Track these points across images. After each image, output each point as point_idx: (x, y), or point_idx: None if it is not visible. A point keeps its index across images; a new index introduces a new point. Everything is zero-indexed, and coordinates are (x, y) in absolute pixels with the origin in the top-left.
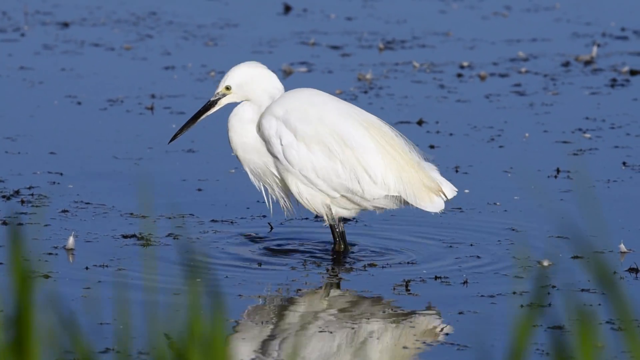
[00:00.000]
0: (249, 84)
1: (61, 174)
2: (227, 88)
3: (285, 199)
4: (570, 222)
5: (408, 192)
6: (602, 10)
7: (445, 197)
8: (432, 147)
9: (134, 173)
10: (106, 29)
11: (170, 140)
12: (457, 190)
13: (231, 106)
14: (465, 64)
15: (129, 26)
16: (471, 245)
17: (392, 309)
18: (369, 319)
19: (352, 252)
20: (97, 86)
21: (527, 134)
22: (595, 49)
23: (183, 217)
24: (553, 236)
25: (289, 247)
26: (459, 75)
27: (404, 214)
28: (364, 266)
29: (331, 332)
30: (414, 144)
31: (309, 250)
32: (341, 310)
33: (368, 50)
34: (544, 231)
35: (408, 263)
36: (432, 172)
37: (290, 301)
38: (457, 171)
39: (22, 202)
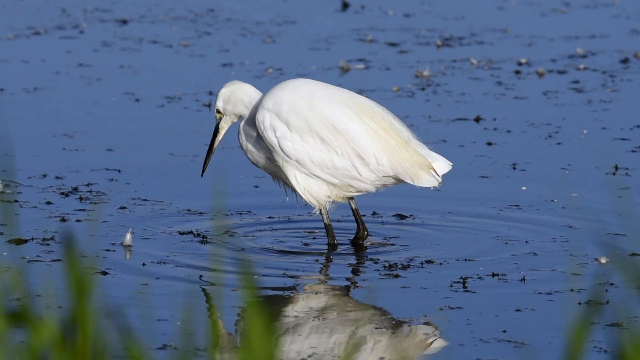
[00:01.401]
0: (230, 101)
1: (119, 171)
2: (218, 112)
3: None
4: (628, 219)
5: (400, 172)
6: None
7: (437, 173)
8: (489, 144)
9: (190, 170)
10: (164, 26)
11: (202, 173)
12: (452, 164)
13: None
14: (523, 60)
15: (187, 23)
16: (527, 242)
17: (449, 306)
18: (426, 315)
19: (409, 249)
20: (155, 83)
21: (585, 131)
22: None
23: (240, 213)
24: (611, 233)
25: (345, 244)
26: (517, 72)
27: (459, 211)
28: (422, 263)
29: (387, 329)
30: (404, 124)
31: (366, 246)
32: (398, 307)
33: (426, 47)
34: (602, 228)
35: (465, 260)
36: (423, 150)
37: (347, 298)
38: (514, 168)
39: (81, 199)
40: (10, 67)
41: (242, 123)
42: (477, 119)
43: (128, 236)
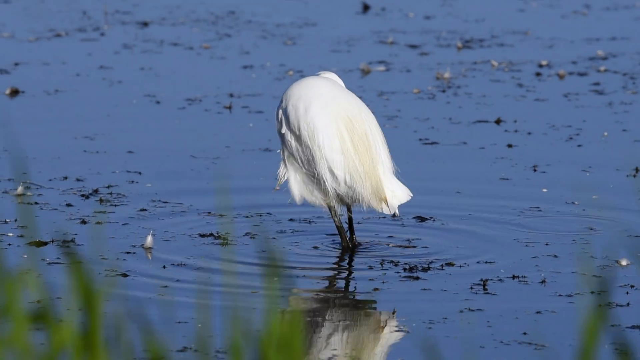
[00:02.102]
0: None
1: (139, 173)
2: None
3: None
4: None
5: (358, 194)
6: None
7: (388, 207)
8: (510, 146)
9: (211, 172)
10: (185, 29)
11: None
12: (412, 195)
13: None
14: (544, 62)
15: (207, 25)
16: (547, 244)
17: (469, 308)
18: (446, 318)
19: (429, 251)
20: (176, 85)
21: (605, 133)
22: None
23: (260, 215)
24: (632, 235)
25: (365, 246)
26: (538, 74)
27: (480, 213)
28: (442, 265)
29: (407, 332)
30: (386, 146)
31: (385, 249)
32: (417, 310)
33: (446, 49)
34: (623, 230)
35: (485, 262)
36: (388, 180)
37: (367, 300)
38: (535, 170)
39: (101, 200)
40: (31, 69)
41: None
42: (498, 121)
43: (149, 238)
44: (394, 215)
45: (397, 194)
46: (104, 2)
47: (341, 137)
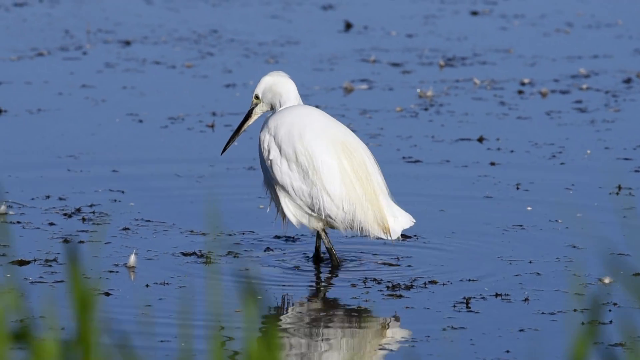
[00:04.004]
0: (270, 90)
1: (122, 192)
2: (256, 97)
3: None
4: (632, 239)
5: (359, 222)
6: None
7: (390, 236)
8: (492, 164)
9: (194, 191)
10: (167, 47)
11: (222, 152)
12: (414, 221)
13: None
14: (526, 80)
15: (190, 44)
16: (530, 262)
17: (452, 326)
18: (429, 336)
19: (412, 269)
20: (159, 104)
21: (588, 151)
22: None
23: (243, 234)
24: (614, 253)
25: (349, 264)
26: (520, 92)
27: (463, 231)
28: (425, 283)
29: (391, 350)
30: (382, 174)
31: (368, 267)
32: (401, 328)
33: (429, 67)
34: (606, 248)
35: (469, 280)
36: (389, 207)
37: (350, 318)
38: (518, 188)
39: (84, 219)
40: (14, 88)
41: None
42: (480, 139)
43: (132, 257)
44: (395, 240)
45: (399, 220)
46: (87, 21)
47: (340, 163)
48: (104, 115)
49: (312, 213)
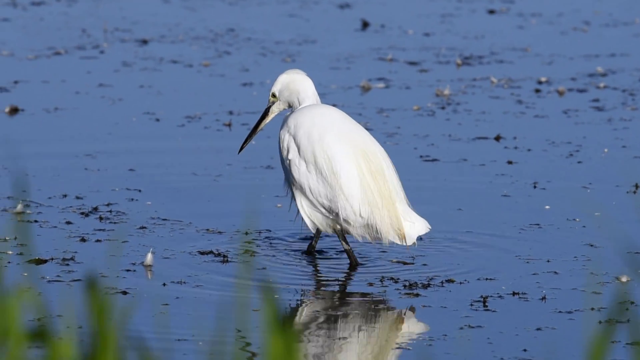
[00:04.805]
0: (287, 88)
1: (139, 191)
2: (273, 95)
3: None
4: None
5: (375, 227)
6: None
7: (405, 242)
8: (510, 162)
9: (212, 189)
10: (184, 46)
11: (239, 151)
12: (430, 227)
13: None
14: (543, 79)
15: (207, 43)
16: (548, 261)
17: (469, 325)
18: (446, 335)
19: (429, 268)
20: (176, 103)
21: (605, 150)
22: None
23: (260, 232)
24: (632, 252)
25: (366, 263)
26: (537, 91)
27: (480, 230)
28: (442, 282)
29: (408, 349)
30: (399, 180)
31: (385, 266)
32: (418, 327)
33: (446, 66)
34: (623, 247)
35: (486, 279)
36: (406, 213)
37: (367, 317)
38: (535, 187)
39: (101, 218)
40: (31, 87)
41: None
42: (498, 138)
43: (149, 256)
44: (411, 245)
45: (416, 226)
46: (104, 20)
47: (359, 167)
48: (120, 114)
49: (329, 215)
